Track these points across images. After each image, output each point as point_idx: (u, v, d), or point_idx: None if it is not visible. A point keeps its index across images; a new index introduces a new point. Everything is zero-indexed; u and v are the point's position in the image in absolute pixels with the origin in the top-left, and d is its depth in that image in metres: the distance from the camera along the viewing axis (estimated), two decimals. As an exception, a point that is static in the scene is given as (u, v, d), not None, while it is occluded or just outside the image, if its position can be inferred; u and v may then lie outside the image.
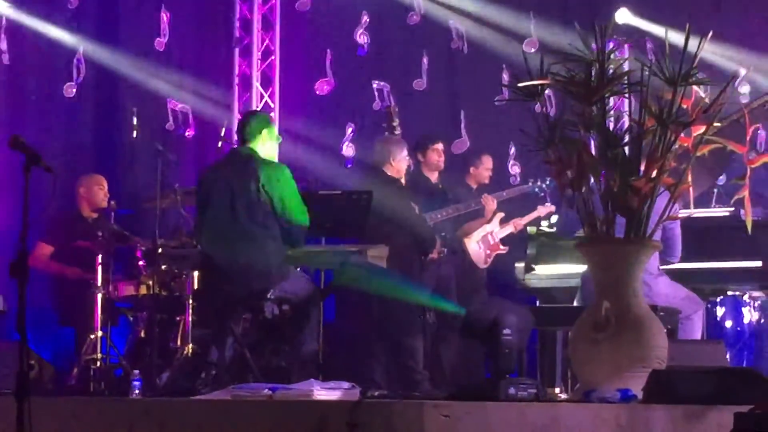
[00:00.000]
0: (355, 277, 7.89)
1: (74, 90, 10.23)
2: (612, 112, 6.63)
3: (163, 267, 8.49)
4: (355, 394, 6.20)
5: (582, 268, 7.98)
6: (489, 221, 10.02)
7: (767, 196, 8.67)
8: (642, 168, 6.20)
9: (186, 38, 11.04)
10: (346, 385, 6.33)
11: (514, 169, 11.62)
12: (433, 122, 11.37)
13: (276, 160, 8.51)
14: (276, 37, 11.44)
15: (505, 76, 10.94)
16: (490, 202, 9.94)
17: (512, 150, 11.63)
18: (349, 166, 11.28)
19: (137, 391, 7.30)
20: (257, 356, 7.64)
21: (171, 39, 10.85)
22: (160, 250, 8.40)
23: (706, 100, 6.26)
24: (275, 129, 8.51)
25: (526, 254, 9.49)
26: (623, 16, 11.64)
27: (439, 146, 9.82)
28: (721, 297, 8.74)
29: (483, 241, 9.91)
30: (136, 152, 10.22)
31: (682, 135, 6.24)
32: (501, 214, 10.01)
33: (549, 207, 10.13)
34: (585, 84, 6.19)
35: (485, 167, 10.26)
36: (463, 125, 11.69)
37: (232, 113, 11.12)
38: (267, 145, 7.86)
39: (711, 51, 10.36)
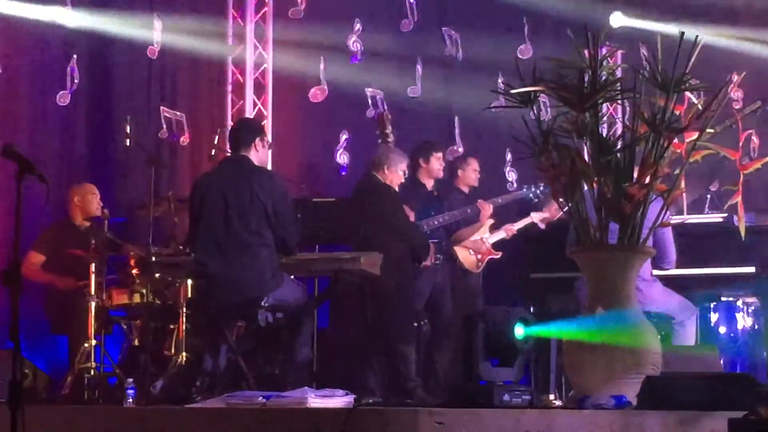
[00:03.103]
0: None
1: (68, 98, 10.22)
2: (605, 119, 6.64)
3: (157, 275, 8.48)
4: (349, 401, 6.20)
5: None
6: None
7: None
8: (635, 174, 6.21)
9: (179, 46, 11.02)
10: (340, 392, 6.34)
11: (511, 174, 11.63)
12: (427, 129, 11.37)
13: (268, 167, 8.50)
14: (269, 45, 11.43)
15: (500, 83, 10.95)
16: (486, 208, 9.95)
17: (508, 156, 11.64)
18: (343, 173, 11.28)
19: (131, 400, 7.29)
20: (251, 364, 7.63)
21: (164, 47, 10.84)
22: (153, 259, 8.39)
23: (699, 106, 6.27)
24: (268, 137, 8.51)
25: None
26: (617, 19, 11.67)
27: (441, 154, 9.86)
28: (715, 303, 8.73)
29: (473, 246, 9.92)
30: (129, 160, 10.21)
31: (675, 141, 6.25)
32: (491, 221, 10.02)
33: (542, 214, 10.14)
34: (577, 91, 6.20)
35: (472, 168, 10.26)
36: (457, 132, 11.70)
37: (225, 121, 11.11)
38: (260, 153, 7.87)
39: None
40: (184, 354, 8.20)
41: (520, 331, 6.62)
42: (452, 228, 9.85)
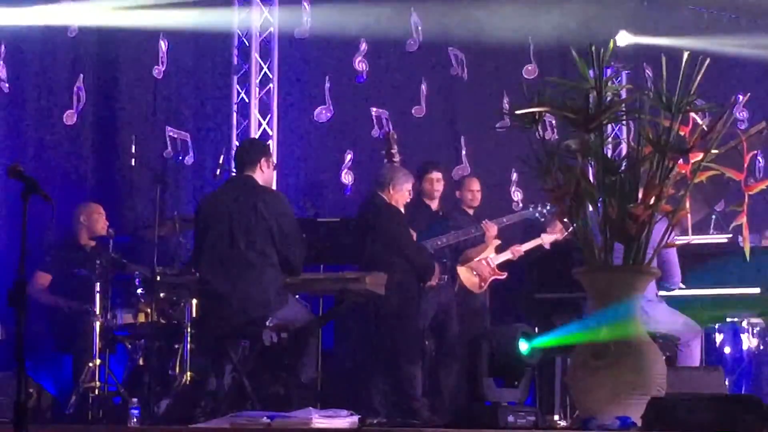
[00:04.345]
0: None
1: (74, 118, 10.24)
2: (610, 139, 6.63)
3: (162, 295, 8.49)
4: (354, 421, 6.19)
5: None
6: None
7: None
8: (640, 195, 6.20)
9: (184, 66, 11.04)
10: (344, 413, 6.33)
11: (516, 194, 11.63)
12: (432, 149, 11.38)
13: (273, 187, 8.50)
14: (274, 65, 11.44)
15: (505, 103, 10.95)
16: (491, 229, 9.94)
17: (514, 176, 11.64)
18: (347, 193, 11.28)
19: (135, 420, 7.29)
20: (256, 384, 7.62)
21: (169, 67, 10.86)
22: (158, 278, 8.40)
23: (704, 127, 6.26)
24: (273, 157, 8.51)
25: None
26: (624, 38, 11.68)
27: (434, 175, 9.82)
28: (720, 324, 8.73)
29: (477, 267, 9.91)
30: (134, 180, 10.22)
31: (680, 162, 6.25)
32: (497, 241, 10.02)
33: (552, 235, 10.12)
34: (582, 111, 6.19)
35: (467, 189, 10.28)
36: (464, 152, 11.70)
37: (230, 141, 11.12)
38: (265, 173, 7.88)
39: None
40: (188, 374, 8.19)
41: (524, 346, 6.63)
42: (458, 248, 9.85)
